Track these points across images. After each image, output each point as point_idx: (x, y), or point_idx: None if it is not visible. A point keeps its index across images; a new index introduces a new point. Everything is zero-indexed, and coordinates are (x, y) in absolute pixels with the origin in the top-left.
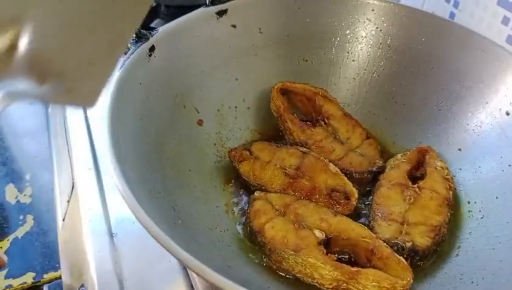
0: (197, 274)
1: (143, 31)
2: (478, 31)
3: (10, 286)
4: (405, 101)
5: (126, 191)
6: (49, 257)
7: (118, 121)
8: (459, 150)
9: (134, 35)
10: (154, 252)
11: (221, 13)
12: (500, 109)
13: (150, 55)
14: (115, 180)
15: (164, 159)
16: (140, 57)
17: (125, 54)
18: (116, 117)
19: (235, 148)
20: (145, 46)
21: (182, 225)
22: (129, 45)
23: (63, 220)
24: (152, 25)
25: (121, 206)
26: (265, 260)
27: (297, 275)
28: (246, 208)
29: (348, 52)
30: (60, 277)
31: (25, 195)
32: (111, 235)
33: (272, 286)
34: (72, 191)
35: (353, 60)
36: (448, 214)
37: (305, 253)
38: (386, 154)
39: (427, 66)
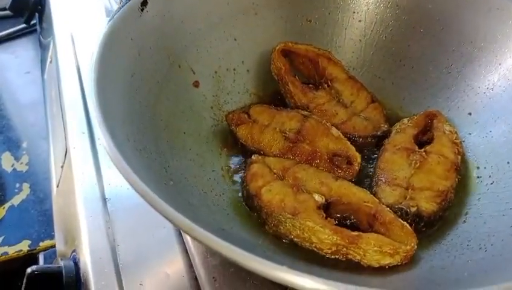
0: (186, 233)
1: None
2: None
3: (6, 253)
4: (413, 63)
5: (111, 146)
6: (45, 225)
7: (105, 76)
8: (469, 114)
9: None
10: (148, 217)
11: None
12: None
13: (141, 10)
14: (100, 135)
15: (157, 120)
16: (132, 11)
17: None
18: (103, 72)
19: (233, 111)
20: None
21: (174, 186)
22: None
23: (57, 186)
24: None
25: (115, 171)
26: (261, 223)
27: (295, 240)
28: (243, 172)
29: (354, 12)
30: (55, 245)
31: (21, 163)
32: (104, 200)
33: (268, 251)
34: (65, 156)
35: (359, 21)
36: (456, 179)
37: (303, 217)
38: (392, 120)
39: (437, 27)
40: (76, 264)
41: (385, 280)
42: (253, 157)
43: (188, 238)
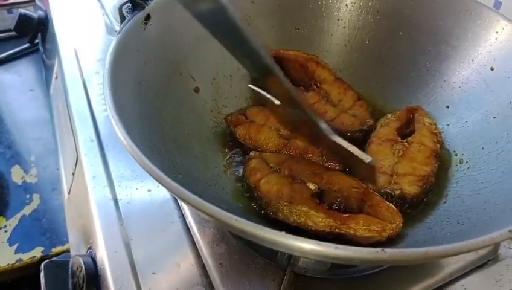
0: (198, 209)
1: (138, 0)
2: None
3: (20, 259)
4: (395, 64)
5: (129, 142)
6: (57, 232)
7: (117, 84)
8: (447, 107)
9: (130, 4)
10: (158, 213)
11: None
12: (485, 65)
13: (145, 24)
14: (119, 134)
15: (163, 122)
16: (137, 25)
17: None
18: (115, 79)
19: (231, 113)
20: (141, 14)
21: (183, 179)
22: (125, 14)
23: (69, 192)
24: None
25: (125, 173)
26: (262, 213)
27: (292, 225)
28: (243, 168)
29: (338, 19)
30: (67, 250)
31: (30, 175)
32: (116, 200)
33: None
34: (76, 163)
35: (344, 27)
36: (436, 165)
37: (298, 203)
38: (377, 115)
39: (414, 29)
40: (93, 259)
41: None
42: (251, 153)
43: (195, 231)
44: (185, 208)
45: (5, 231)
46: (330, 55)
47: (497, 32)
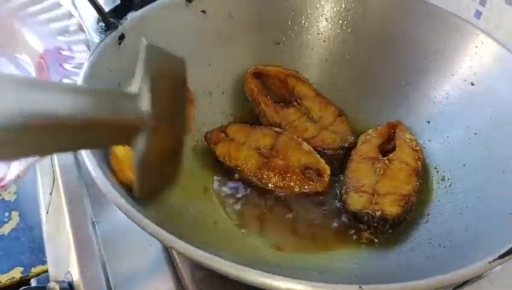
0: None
1: (112, 20)
2: (449, 7)
3: None
4: (375, 78)
5: (101, 177)
6: (36, 251)
7: None
8: (428, 122)
9: (104, 24)
10: (136, 237)
11: None
12: (465, 80)
13: (119, 44)
14: (89, 167)
15: None
16: (111, 45)
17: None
18: None
19: (211, 131)
20: (115, 34)
21: (159, 206)
22: (98, 34)
23: (47, 212)
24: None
25: (102, 195)
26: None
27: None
28: (223, 189)
29: (318, 34)
30: (47, 270)
31: (9, 192)
32: (93, 223)
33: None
34: (53, 183)
35: (324, 41)
36: (417, 183)
37: None
38: (359, 131)
39: (394, 44)
40: (70, 285)
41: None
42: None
43: (175, 254)
44: None
45: None
46: (311, 69)
47: (476, 46)
